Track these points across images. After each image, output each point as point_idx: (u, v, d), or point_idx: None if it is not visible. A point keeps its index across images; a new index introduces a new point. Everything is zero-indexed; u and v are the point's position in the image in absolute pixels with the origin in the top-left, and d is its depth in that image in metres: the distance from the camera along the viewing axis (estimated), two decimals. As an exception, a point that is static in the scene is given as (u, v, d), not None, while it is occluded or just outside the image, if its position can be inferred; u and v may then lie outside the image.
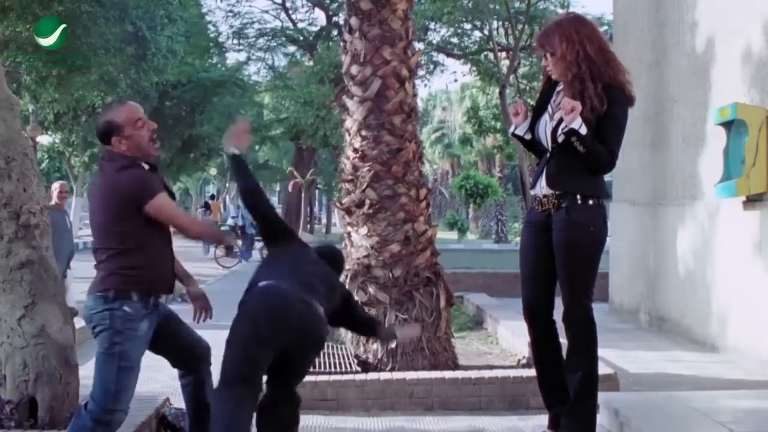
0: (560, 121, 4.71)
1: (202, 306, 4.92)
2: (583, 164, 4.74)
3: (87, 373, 6.05)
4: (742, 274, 8.71)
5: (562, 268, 4.81)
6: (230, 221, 28.27)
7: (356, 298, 7.73)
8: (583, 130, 4.60)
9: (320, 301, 4.66)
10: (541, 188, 4.91)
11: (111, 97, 25.97)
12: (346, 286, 7.87)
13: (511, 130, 5.16)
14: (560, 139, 4.72)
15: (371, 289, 7.66)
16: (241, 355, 4.43)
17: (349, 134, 8.05)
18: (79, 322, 6.40)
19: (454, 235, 43.44)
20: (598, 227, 4.83)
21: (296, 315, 4.49)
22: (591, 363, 4.90)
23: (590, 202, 4.80)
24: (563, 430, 4.96)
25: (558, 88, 4.94)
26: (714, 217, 9.39)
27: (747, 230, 8.62)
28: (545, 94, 5.03)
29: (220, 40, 33.23)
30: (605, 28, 28.14)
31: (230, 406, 4.39)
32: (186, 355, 4.92)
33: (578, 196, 4.77)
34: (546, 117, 4.94)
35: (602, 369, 7.14)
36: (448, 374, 7.19)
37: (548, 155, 4.90)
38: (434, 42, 28.95)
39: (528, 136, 5.07)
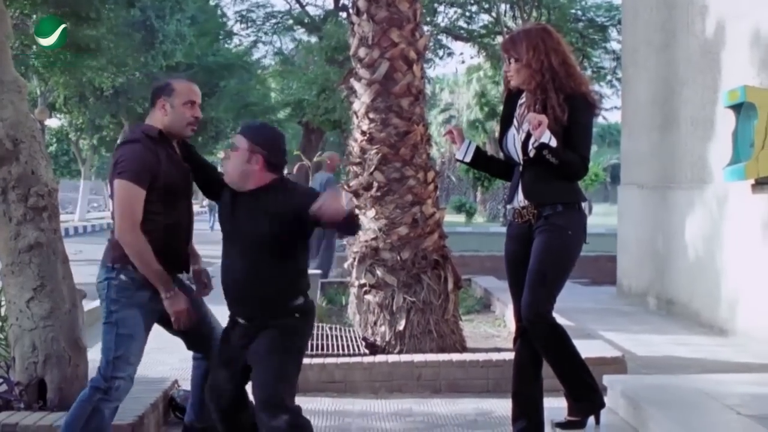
0: (529, 134, 4.69)
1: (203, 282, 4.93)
2: (557, 173, 4.73)
3: (95, 355, 6.08)
4: (751, 257, 8.70)
5: (531, 267, 4.76)
6: None
7: (364, 280, 7.76)
8: (554, 143, 4.59)
9: None
10: (519, 201, 4.88)
11: (121, 80, 26.04)
12: (354, 269, 7.88)
13: (457, 156, 5.14)
14: (532, 153, 4.71)
15: (379, 272, 7.66)
16: None
17: (357, 117, 8.04)
18: (87, 305, 6.43)
19: (461, 218, 43.43)
20: (576, 232, 4.81)
21: None
22: (565, 361, 4.85)
23: (570, 209, 4.80)
24: (574, 412, 4.96)
25: (520, 101, 4.93)
26: (722, 201, 9.36)
27: (755, 213, 8.60)
28: (508, 106, 5.02)
29: (228, 23, 33.24)
30: (614, 13, 28.09)
31: None
32: (201, 341, 4.91)
33: (558, 205, 4.77)
34: (513, 130, 4.92)
35: (610, 352, 7.21)
36: (455, 357, 7.20)
37: (521, 168, 4.88)
38: (442, 25, 28.90)
39: (467, 159, 5.04)
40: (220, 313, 4.76)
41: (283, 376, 4.31)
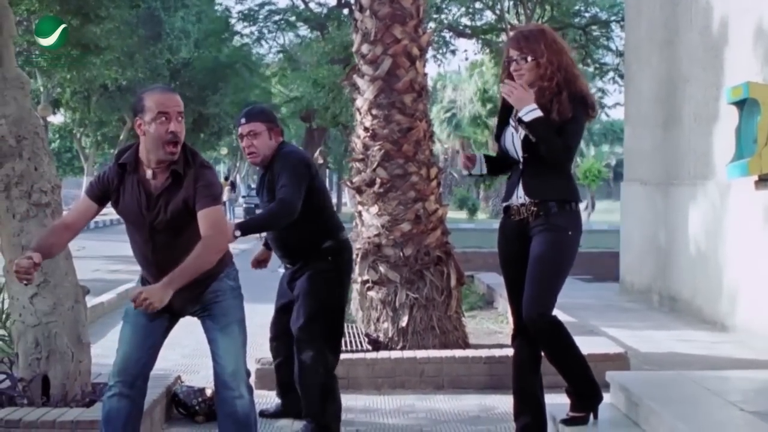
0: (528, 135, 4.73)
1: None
2: (552, 167, 4.74)
3: (98, 351, 6.10)
4: (753, 254, 8.70)
5: (533, 266, 4.75)
6: (241, 200, 28.48)
7: (367, 277, 7.76)
8: (531, 116, 4.62)
9: None
10: (518, 198, 4.87)
11: (129, 73, 26.02)
12: (357, 265, 7.88)
13: (466, 173, 5.17)
14: (521, 134, 4.75)
15: (382, 268, 7.66)
16: None
17: (360, 113, 8.04)
18: (90, 301, 6.43)
19: (464, 214, 43.47)
20: (575, 232, 4.83)
21: None
22: (568, 357, 4.85)
23: (567, 207, 4.80)
24: (577, 408, 4.97)
25: None
26: (725, 197, 9.36)
27: (758, 210, 8.59)
28: (505, 107, 5.01)
29: (232, 21, 33.28)
30: (617, 9, 28.09)
31: None
32: None
33: (556, 203, 4.77)
34: (511, 129, 4.92)
35: (613, 348, 7.21)
36: (458, 353, 7.20)
37: (521, 166, 4.88)
38: (445, 21, 28.91)
39: (484, 170, 5.11)
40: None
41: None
